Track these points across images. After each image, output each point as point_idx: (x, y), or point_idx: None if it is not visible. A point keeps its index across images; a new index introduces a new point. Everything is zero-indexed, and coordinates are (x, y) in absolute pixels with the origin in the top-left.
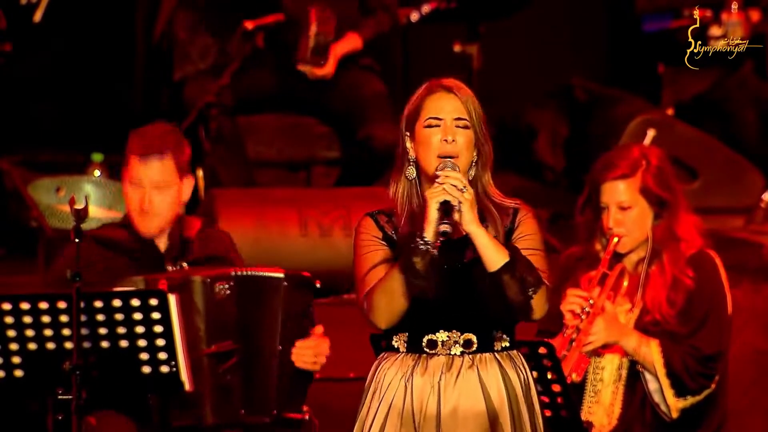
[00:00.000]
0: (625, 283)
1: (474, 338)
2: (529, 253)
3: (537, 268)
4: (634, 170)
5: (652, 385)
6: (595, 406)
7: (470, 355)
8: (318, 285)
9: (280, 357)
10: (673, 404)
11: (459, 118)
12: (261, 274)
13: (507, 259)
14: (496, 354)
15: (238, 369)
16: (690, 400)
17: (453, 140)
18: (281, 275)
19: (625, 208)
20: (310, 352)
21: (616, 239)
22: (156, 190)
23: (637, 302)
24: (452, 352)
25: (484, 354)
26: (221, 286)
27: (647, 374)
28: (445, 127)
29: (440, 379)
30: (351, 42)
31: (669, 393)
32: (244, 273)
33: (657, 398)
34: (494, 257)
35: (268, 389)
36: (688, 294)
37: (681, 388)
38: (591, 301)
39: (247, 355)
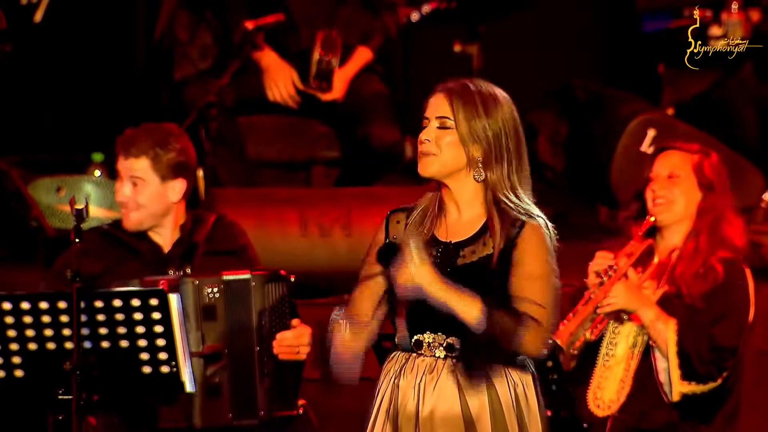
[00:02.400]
0: (656, 260)
1: (456, 343)
2: (526, 283)
3: (531, 300)
4: (694, 151)
5: (661, 364)
6: (605, 381)
7: (453, 359)
8: (292, 279)
9: (259, 357)
10: (677, 385)
11: (440, 117)
12: (231, 277)
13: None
14: None
15: (226, 371)
16: (693, 387)
17: (426, 140)
18: (248, 276)
19: (674, 176)
20: (288, 342)
21: (652, 218)
22: (129, 183)
23: (663, 283)
24: (436, 355)
25: None
26: (210, 290)
27: (658, 352)
28: (427, 127)
29: (421, 380)
30: (362, 58)
31: (675, 373)
32: (225, 278)
33: (663, 377)
34: (465, 320)
35: (252, 391)
36: (715, 285)
37: (688, 370)
38: (615, 268)
39: (233, 357)
